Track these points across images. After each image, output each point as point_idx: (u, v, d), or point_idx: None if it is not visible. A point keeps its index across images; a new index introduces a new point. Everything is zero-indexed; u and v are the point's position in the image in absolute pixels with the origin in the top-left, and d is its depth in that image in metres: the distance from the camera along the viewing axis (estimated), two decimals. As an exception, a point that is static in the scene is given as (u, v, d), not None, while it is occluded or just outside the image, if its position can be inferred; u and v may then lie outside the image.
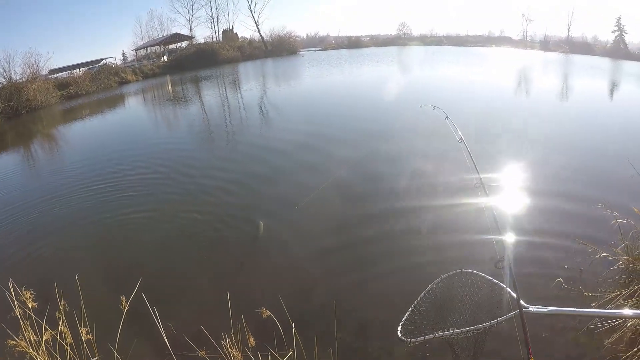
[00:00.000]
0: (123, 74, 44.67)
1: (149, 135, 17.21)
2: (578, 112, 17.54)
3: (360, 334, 4.59)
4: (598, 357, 3.98)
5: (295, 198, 8.23)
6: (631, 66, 44.93)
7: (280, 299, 4.02)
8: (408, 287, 4.75)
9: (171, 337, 3.65)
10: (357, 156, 10.73)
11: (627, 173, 6.62)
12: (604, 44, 74.49)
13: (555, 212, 7.18)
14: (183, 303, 5.37)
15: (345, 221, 7.35)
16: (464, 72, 34.25)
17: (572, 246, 5.69)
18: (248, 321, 3.40)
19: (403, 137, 12.54)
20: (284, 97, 24.23)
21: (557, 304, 4.63)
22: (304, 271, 6.01)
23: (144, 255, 6.91)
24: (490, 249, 3.57)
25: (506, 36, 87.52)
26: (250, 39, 69.92)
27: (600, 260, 5.04)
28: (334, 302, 4.98)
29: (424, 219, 7.21)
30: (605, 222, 5.51)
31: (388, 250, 6.39)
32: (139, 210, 8.58)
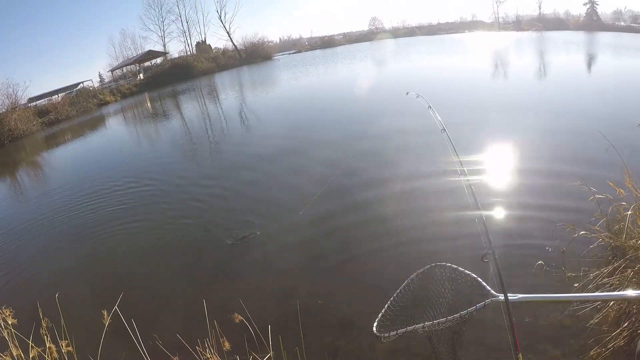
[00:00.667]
0: (101, 95, 44.64)
1: (129, 153, 17.35)
2: (552, 89, 17.69)
3: (344, 333, 4.57)
4: (583, 338, 3.92)
5: (279, 204, 8.44)
6: (605, 37, 45.40)
7: (259, 303, 4.02)
8: (395, 281, 4.73)
9: (153, 348, 3.61)
10: (341, 155, 10.71)
11: (602, 147, 6.58)
12: (577, 17, 75.05)
13: (534, 194, 7.18)
14: (165, 314, 5.42)
15: (324, 223, 7.35)
16: (439, 60, 34.42)
17: (552, 227, 5.63)
18: (229, 327, 3.37)
19: (387, 131, 12.50)
20: (262, 104, 24.31)
21: (539, 286, 4.66)
22: (283, 275, 6.03)
23: (125, 269, 7.06)
24: (475, 238, 3.50)
25: (478, 20, 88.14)
26: (224, 49, 69.97)
27: (580, 239, 4.98)
28: (316, 303, 5.01)
29: (407, 212, 7.20)
30: (584, 199, 5.46)
31: (370, 243, 6.46)
32: (119, 225, 8.80)
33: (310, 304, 5.07)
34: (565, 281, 4.70)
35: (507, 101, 15.13)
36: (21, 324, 3.44)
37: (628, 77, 19.42)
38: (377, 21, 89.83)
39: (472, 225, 3.76)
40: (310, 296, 5.30)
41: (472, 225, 3.70)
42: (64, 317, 3.68)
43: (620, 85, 17.19)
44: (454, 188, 6.62)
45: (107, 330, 3.20)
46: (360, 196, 8.06)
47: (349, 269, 5.92)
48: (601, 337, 3.79)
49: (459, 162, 3.85)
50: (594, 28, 64.26)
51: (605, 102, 13.66)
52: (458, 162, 3.88)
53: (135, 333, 3.14)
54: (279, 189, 9.37)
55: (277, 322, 3.63)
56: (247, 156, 12.77)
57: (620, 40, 39.93)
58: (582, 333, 3.97)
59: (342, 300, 5.19)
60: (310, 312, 4.87)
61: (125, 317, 3.26)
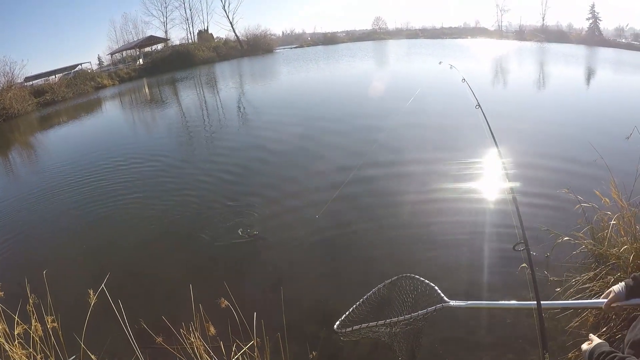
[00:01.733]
0: (99, 78, 44.21)
1: (122, 138, 17.13)
2: (549, 99, 17.86)
3: (326, 325, 4.58)
4: (562, 341, 4.03)
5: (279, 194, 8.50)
6: (605, 52, 45.63)
7: (246, 291, 4.06)
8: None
9: (137, 328, 3.64)
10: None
11: (591, 158, 6.70)
12: (579, 31, 75.36)
13: (522, 199, 7.26)
14: (152, 295, 5.51)
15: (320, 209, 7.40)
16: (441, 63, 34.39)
17: (537, 232, 5.76)
18: (215, 312, 3.40)
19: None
20: (265, 96, 24.17)
21: (523, 290, 4.72)
22: (271, 265, 6.10)
23: (114, 249, 7.09)
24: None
25: (482, 27, 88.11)
26: (225, 39, 69.42)
27: (564, 245, 5.10)
28: (302, 294, 5.07)
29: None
30: (570, 206, 5.58)
31: (364, 237, 6.61)
32: (110, 206, 8.90)
33: (295, 295, 5.12)
34: (548, 285, 4.81)
35: (504, 108, 15.22)
36: (8, 299, 3.47)
37: (622, 92, 19.69)
38: (381, 21, 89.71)
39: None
40: (296, 287, 5.38)
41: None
42: (50, 295, 3.72)
43: (614, 99, 17.56)
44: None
45: (92, 309, 3.21)
46: (351, 189, 8.09)
47: (338, 262, 6.01)
48: (580, 341, 3.88)
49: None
50: (595, 43, 64.55)
51: (597, 114, 14.00)
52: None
53: (121, 312, 3.16)
54: (272, 179, 9.44)
55: (262, 310, 3.66)
56: (241, 144, 12.92)
57: (620, 57, 40.19)
58: (562, 336, 4.08)
59: (327, 293, 5.27)
60: (295, 303, 4.92)
61: (111, 296, 3.27)
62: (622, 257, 4.36)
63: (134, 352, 3.09)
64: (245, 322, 3.41)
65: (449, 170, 8.71)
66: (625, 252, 4.32)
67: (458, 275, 5.31)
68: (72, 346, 3.47)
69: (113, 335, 3.96)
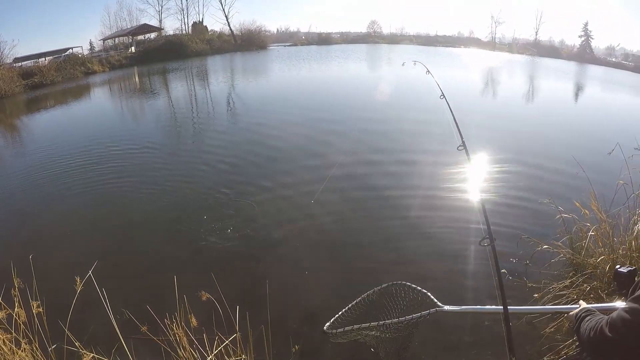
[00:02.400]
0: (89, 64, 43.58)
1: (112, 126, 16.90)
2: (535, 113, 18.22)
3: (310, 322, 4.69)
4: (538, 345, 4.14)
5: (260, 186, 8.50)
6: (595, 70, 46.22)
7: (231, 284, 4.11)
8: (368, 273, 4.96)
9: (122, 317, 3.68)
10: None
11: (574, 171, 6.89)
12: (571, 48, 76.27)
13: (505, 207, 7.48)
14: (138, 284, 5.48)
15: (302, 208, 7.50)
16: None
17: (518, 240, 5.90)
18: (199, 304, 3.43)
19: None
20: (254, 92, 24.13)
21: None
22: (256, 259, 6.11)
23: (102, 236, 7.00)
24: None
25: (475, 37, 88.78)
26: (220, 33, 68.85)
27: (544, 254, 5.25)
28: (287, 289, 5.14)
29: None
30: (551, 216, 5.75)
31: (350, 236, 6.63)
32: (99, 191, 8.82)
33: (280, 290, 5.17)
34: (526, 291, 4.94)
35: (492, 120, 15.49)
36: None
37: (608, 109, 20.14)
38: (376, 25, 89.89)
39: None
40: (281, 282, 5.41)
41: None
42: (36, 280, 3.70)
43: (600, 116, 17.99)
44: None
45: (78, 297, 3.21)
46: (337, 184, 8.22)
47: (324, 260, 6.05)
48: (555, 345, 4.02)
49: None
50: (585, 60, 65.43)
51: (582, 129, 14.33)
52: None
53: (106, 301, 3.18)
54: (260, 173, 9.46)
55: (247, 303, 3.71)
56: (230, 137, 12.93)
57: (609, 75, 40.80)
58: (538, 340, 4.19)
59: (311, 289, 5.34)
60: (280, 298, 4.95)
61: (98, 284, 3.29)
62: (599, 267, 4.51)
63: (117, 340, 3.10)
64: (230, 314, 3.44)
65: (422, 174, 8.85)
66: (602, 262, 4.49)
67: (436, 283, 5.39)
68: (56, 332, 3.43)
69: (97, 323, 3.98)
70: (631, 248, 4.50)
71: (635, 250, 4.47)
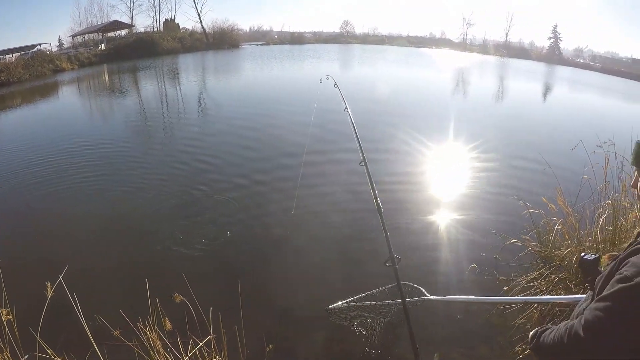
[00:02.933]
0: (58, 61, 42.62)
1: (82, 125, 16.56)
2: (504, 112, 18.83)
3: (283, 319, 4.76)
4: (509, 336, 4.26)
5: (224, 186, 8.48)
6: (563, 71, 47.25)
7: (203, 285, 4.11)
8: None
9: (94, 321, 3.64)
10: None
11: (540, 167, 7.11)
12: (540, 49, 77.77)
13: (473, 203, 7.75)
14: (110, 288, 5.32)
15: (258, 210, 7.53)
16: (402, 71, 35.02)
17: (488, 234, 6.09)
18: (172, 306, 3.43)
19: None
20: (225, 91, 24.07)
21: (473, 287, 5.05)
22: (228, 259, 6.11)
23: (73, 241, 6.75)
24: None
25: (447, 38, 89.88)
26: (192, 31, 68.06)
27: (513, 248, 5.44)
28: (259, 289, 5.16)
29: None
30: (519, 212, 5.95)
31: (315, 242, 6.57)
32: (66, 194, 8.50)
33: (252, 290, 5.06)
34: (496, 284, 5.10)
35: (463, 118, 15.78)
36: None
37: (573, 108, 20.72)
38: (349, 25, 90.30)
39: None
40: (253, 282, 5.34)
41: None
42: (5, 286, 3.60)
43: (566, 115, 18.56)
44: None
45: (49, 302, 3.14)
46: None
47: (295, 260, 6.05)
48: (526, 335, 4.13)
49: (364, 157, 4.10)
50: (554, 61, 66.91)
51: (549, 128, 14.75)
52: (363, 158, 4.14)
53: (77, 306, 3.15)
54: (233, 171, 9.41)
55: (219, 304, 3.72)
56: (199, 136, 12.74)
57: (576, 76, 41.76)
58: (509, 331, 4.32)
59: (283, 288, 5.35)
60: (252, 298, 4.84)
61: (69, 289, 3.25)
62: (566, 259, 4.68)
63: (91, 347, 3.07)
64: (203, 316, 3.43)
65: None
66: (569, 254, 4.65)
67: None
68: (28, 340, 3.38)
69: (70, 329, 3.93)
70: (597, 240, 4.69)
71: (601, 241, 4.65)
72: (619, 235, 4.54)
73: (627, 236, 4.42)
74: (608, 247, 4.50)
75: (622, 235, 4.52)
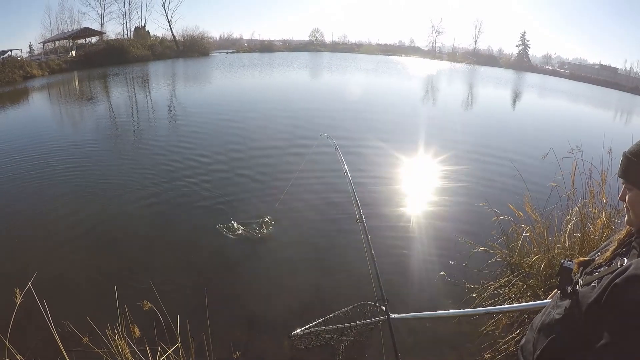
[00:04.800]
0: (29, 67, 41.98)
1: (51, 131, 16.22)
2: (474, 120, 19.10)
3: (251, 329, 4.69)
4: (478, 343, 4.29)
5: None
6: (532, 77, 48.14)
7: (171, 292, 4.05)
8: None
9: (63, 329, 3.58)
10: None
11: (510, 174, 7.20)
12: (509, 56, 79.28)
13: (441, 212, 7.87)
14: (79, 295, 5.22)
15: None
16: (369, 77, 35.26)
17: (457, 242, 6.12)
18: (141, 314, 3.38)
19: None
20: (195, 98, 23.88)
21: (441, 296, 5.07)
22: (206, 268, 5.97)
23: (41, 246, 6.58)
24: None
25: (416, 46, 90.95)
26: (162, 38, 67.54)
27: (482, 255, 5.47)
28: (226, 296, 5.10)
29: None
30: (488, 219, 6.01)
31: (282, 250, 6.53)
32: (32, 200, 8.25)
33: (219, 297, 5.05)
34: (465, 291, 5.11)
35: (432, 126, 16.00)
36: None
37: (544, 114, 21.13)
38: (319, 33, 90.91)
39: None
40: (220, 290, 5.30)
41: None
42: None
43: (536, 121, 18.93)
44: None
45: (18, 309, 3.07)
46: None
47: (262, 266, 5.99)
48: (495, 342, 4.18)
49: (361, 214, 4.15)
50: (523, 68, 68.31)
51: (520, 134, 14.99)
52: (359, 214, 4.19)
53: (47, 313, 3.09)
54: (200, 181, 9.24)
55: (187, 312, 3.68)
56: (167, 143, 12.55)
57: (546, 83, 42.59)
58: (478, 338, 4.34)
59: (249, 296, 5.28)
60: (219, 305, 4.84)
61: (38, 295, 3.18)
62: (534, 266, 4.72)
63: (60, 354, 3.01)
64: (170, 323, 3.37)
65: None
66: (538, 260, 4.69)
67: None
68: None
69: (39, 336, 3.87)
70: (565, 247, 4.73)
71: (569, 248, 4.70)
72: (587, 242, 4.60)
73: (595, 243, 4.49)
74: (576, 253, 4.55)
75: (589, 242, 4.58)
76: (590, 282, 1.60)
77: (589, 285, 1.59)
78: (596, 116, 26.66)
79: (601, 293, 1.48)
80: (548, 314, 1.81)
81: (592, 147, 4.99)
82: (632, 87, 60.90)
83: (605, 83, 61.66)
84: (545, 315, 1.82)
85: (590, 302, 1.52)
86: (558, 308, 1.72)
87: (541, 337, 1.75)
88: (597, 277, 1.58)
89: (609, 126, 20.85)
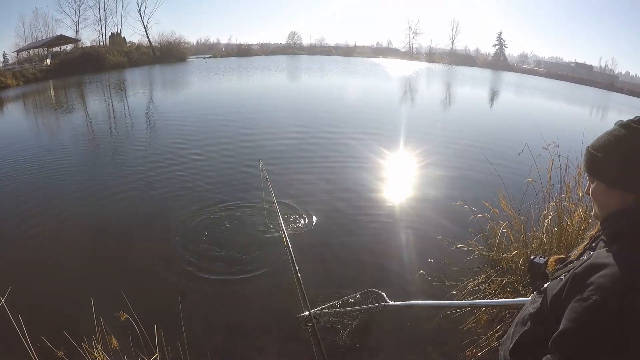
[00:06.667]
0: (2, 77, 41.33)
1: (24, 142, 15.84)
2: (451, 118, 19.27)
3: (228, 335, 4.67)
4: (459, 340, 4.34)
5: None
6: (509, 76, 48.78)
7: (146, 302, 4.00)
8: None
9: (38, 342, 3.52)
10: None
11: (486, 171, 7.27)
12: (486, 56, 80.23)
13: (419, 210, 7.95)
14: (54, 308, 5.13)
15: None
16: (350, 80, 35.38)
17: (435, 240, 6.18)
18: (117, 325, 3.34)
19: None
20: (171, 105, 23.71)
21: (421, 294, 5.10)
22: (179, 277, 5.87)
23: (14, 263, 6.39)
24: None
25: (393, 48, 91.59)
26: (138, 44, 66.85)
27: (460, 252, 5.50)
28: (201, 305, 5.07)
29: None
30: (466, 217, 6.06)
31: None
32: (2, 219, 7.98)
33: (194, 305, 5.05)
34: (445, 289, 5.16)
35: (410, 125, 16.12)
36: None
37: (519, 112, 21.39)
38: (296, 36, 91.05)
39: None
40: (195, 297, 5.29)
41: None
42: None
43: (512, 119, 19.19)
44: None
45: None
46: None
47: (236, 273, 5.92)
48: (476, 339, 4.20)
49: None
50: (500, 67, 69.25)
51: (497, 131, 15.22)
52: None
53: (22, 327, 3.05)
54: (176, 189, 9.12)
55: (163, 321, 3.63)
56: (147, 153, 12.43)
57: (522, 81, 43.12)
58: (459, 335, 4.40)
59: (224, 303, 5.25)
60: (194, 313, 4.81)
61: (13, 310, 3.13)
62: (513, 262, 4.77)
63: None
64: (146, 334, 3.37)
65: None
66: (516, 256, 4.74)
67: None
68: None
69: (15, 351, 3.79)
70: (543, 241, 4.79)
71: (547, 243, 4.76)
72: (565, 236, 4.67)
73: (573, 236, 4.55)
74: (555, 248, 4.62)
75: (567, 236, 4.65)
76: (559, 276, 1.63)
77: (557, 279, 1.61)
78: (573, 113, 27.10)
79: (564, 284, 1.51)
80: (525, 309, 1.83)
81: (569, 142, 5.05)
82: (607, 84, 62.31)
83: (581, 80, 62.88)
84: (523, 310, 1.84)
85: (555, 293, 1.55)
86: (534, 303, 1.74)
87: (516, 331, 1.77)
88: (564, 271, 1.60)
89: (585, 122, 21.15)
